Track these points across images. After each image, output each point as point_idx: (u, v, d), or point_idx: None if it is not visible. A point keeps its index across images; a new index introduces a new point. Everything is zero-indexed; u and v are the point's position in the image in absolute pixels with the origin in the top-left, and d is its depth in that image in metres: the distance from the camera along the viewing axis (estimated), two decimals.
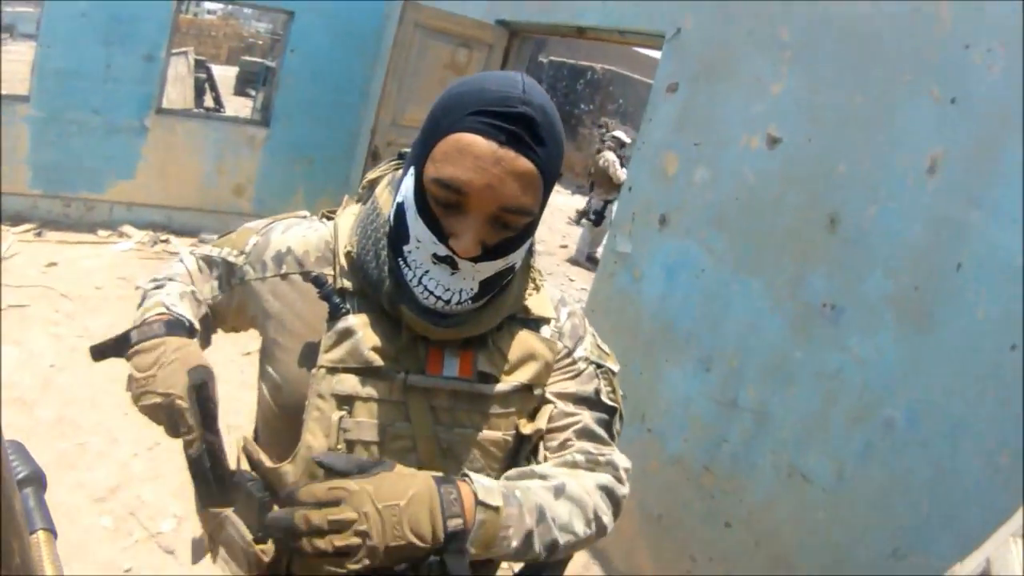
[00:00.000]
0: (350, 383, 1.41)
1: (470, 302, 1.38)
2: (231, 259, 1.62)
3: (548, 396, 1.57)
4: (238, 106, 20.37)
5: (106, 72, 8.48)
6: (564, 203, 17.74)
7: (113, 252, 8.44)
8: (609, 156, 12.88)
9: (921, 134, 3.15)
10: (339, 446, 1.40)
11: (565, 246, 13.91)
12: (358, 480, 1.19)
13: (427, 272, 1.35)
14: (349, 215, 1.58)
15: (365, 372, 1.42)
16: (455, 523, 1.21)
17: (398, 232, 1.38)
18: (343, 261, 1.49)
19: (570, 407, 1.57)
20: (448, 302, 1.36)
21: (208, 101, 18.21)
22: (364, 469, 1.23)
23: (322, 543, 1.15)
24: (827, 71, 3.60)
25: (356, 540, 1.15)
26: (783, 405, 3.61)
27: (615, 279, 4.75)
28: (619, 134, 13.74)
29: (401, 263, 1.38)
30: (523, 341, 1.53)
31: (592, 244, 12.84)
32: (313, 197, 9.34)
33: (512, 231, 1.34)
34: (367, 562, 1.16)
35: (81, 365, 5.46)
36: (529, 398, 1.53)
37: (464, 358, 1.47)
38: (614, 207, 11.37)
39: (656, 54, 4.84)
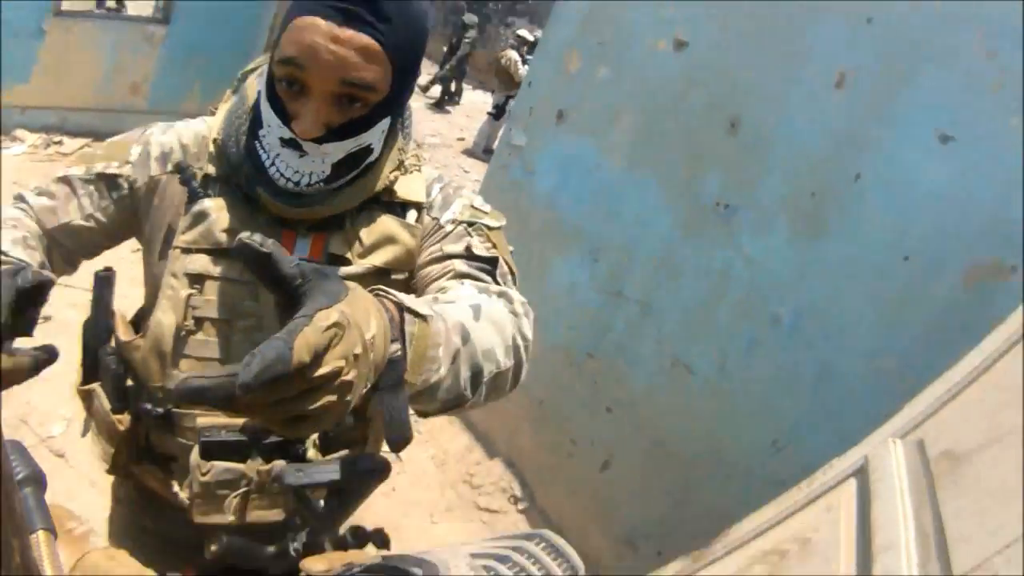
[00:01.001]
0: (201, 262, 1.37)
1: (322, 184, 1.31)
2: (112, 171, 1.46)
3: (419, 264, 1.49)
4: (141, 7, 19.25)
5: None
6: (465, 99, 17.13)
7: (5, 157, 7.80)
8: (512, 55, 12.55)
9: (832, 50, 3.02)
10: (187, 322, 1.37)
11: (462, 139, 13.47)
12: (341, 308, 0.85)
13: (278, 155, 1.29)
14: (224, 107, 1.49)
15: (217, 253, 1.37)
16: (394, 348, 0.95)
17: (256, 118, 1.33)
18: (211, 148, 1.42)
19: (437, 267, 1.45)
20: (298, 184, 1.30)
21: (110, 2, 17.24)
22: (323, 275, 0.90)
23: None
24: None
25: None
26: (669, 298, 3.51)
27: (508, 171, 4.56)
28: (523, 32, 13.58)
29: (258, 147, 1.32)
30: (383, 224, 1.45)
31: (490, 138, 12.38)
32: (209, 94, 8.68)
33: (358, 110, 1.26)
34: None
35: None
36: (385, 282, 1.38)
37: (316, 240, 1.41)
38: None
39: None
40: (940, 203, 2.60)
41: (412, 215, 1.49)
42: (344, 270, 1.39)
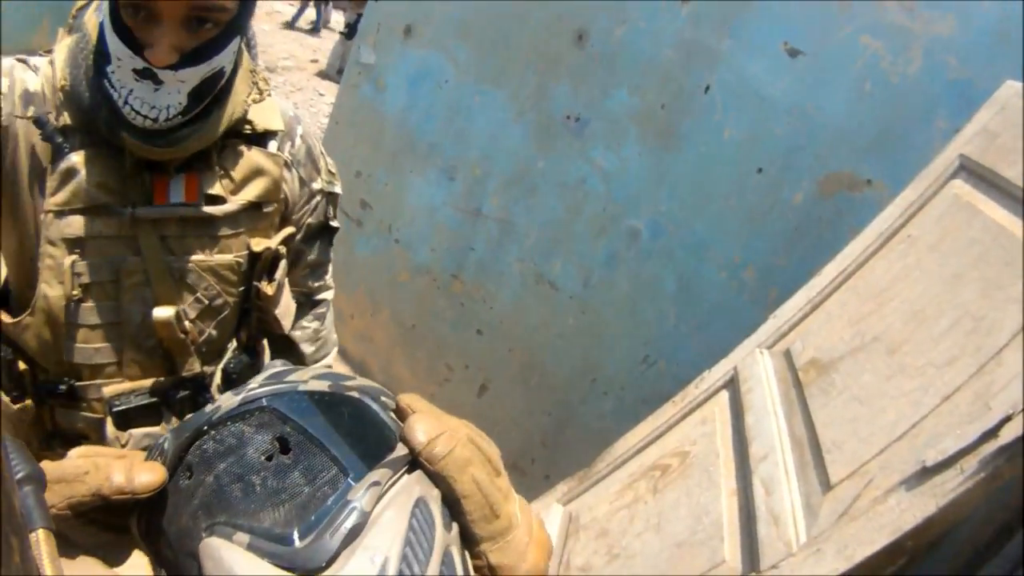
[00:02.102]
0: (77, 224, 1.32)
1: (180, 116, 1.28)
2: None
3: (291, 221, 1.59)
4: None
5: None
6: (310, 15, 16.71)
7: None
8: None
9: None
10: (75, 292, 1.33)
11: (316, 60, 13.18)
12: None
13: (132, 92, 1.23)
14: (64, 48, 1.40)
15: (92, 211, 1.33)
16: None
17: (101, 53, 1.26)
18: (60, 96, 1.33)
19: (301, 245, 1.67)
20: (156, 120, 1.26)
21: None
22: None
23: None
24: None
25: None
26: (527, 214, 3.56)
27: (359, 90, 4.48)
28: None
29: (107, 85, 1.25)
30: (249, 159, 1.46)
31: (343, 58, 12.08)
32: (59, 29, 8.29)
33: (210, 31, 1.23)
34: None
35: None
36: (258, 216, 1.49)
37: (189, 181, 1.40)
38: None
39: None
40: (791, 116, 2.67)
41: (272, 144, 1.50)
42: (220, 209, 1.40)
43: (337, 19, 15.66)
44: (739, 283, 2.80)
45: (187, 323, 1.42)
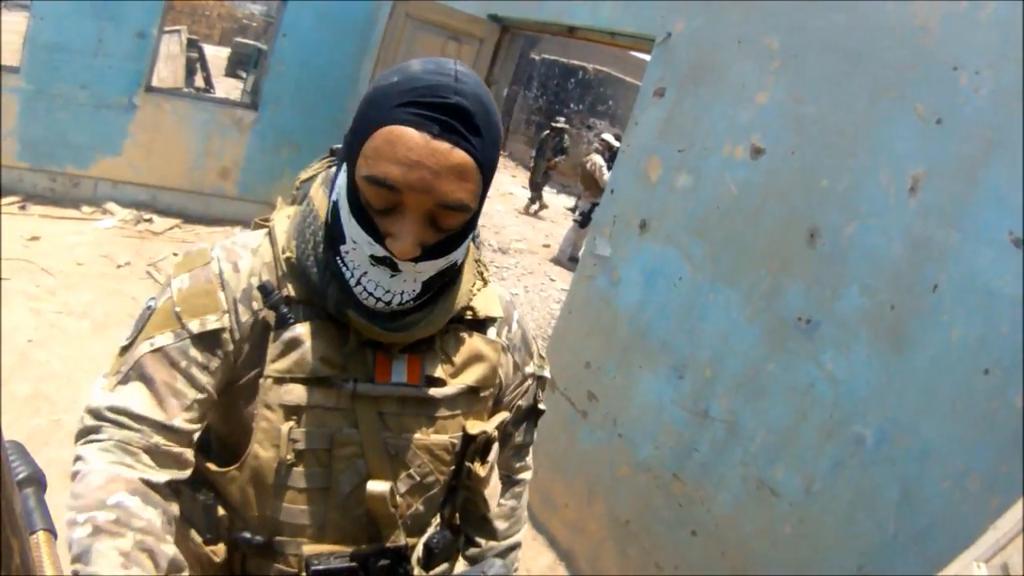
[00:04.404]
0: (297, 393, 1.37)
1: (412, 303, 1.35)
2: (212, 327, 1.38)
3: (503, 404, 1.67)
4: (229, 88, 20.20)
5: (97, 47, 8.45)
6: (549, 202, 17.72)
7: (96, 229, 8.40)
8: (597, 160, 12.89)
9: (904, 152, 3.12)
10: (289, 457, 1.37)
11: (548, 245, 13.86)
12: None
13: (365, 273, 1.30)
14: (284, 218, 1.51)
15: (313, 382, 1.38)
16: None
17: (334, 233, 1.33)
18: (283, 267, 1.42)
19: (510, 428, 1.73)
20: (389, 303, 1.32)
21: (199, 81, 18.09)
22: None
23: None
24: (814, 83, 3.57)
25: None
26: (754, 417, 3.58)
27: (593, 282, 4.71)
28: (608, 137, 13.84)
29: (340, 264, 1.32)
30: (470, 344, 1.53)
31: (575, 245, 12.76)
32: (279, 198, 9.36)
33: (452, 228, 1.29)
34: None
35: (59, 341, 5.46)
36: (475, 400, 1.54)
37: (412, 363, 1.46)
38: None
39: (647, 57, 4.79)
40: (1017, 311, 2.63)
41: (492, 331, 1.59)
42: (440, 391, 1.46)
43: (570, 203, 16.44)
44: (962, 492, 2.70)
45: (398, 497, 1.47)
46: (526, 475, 1.91)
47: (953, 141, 2.96)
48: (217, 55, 24.32)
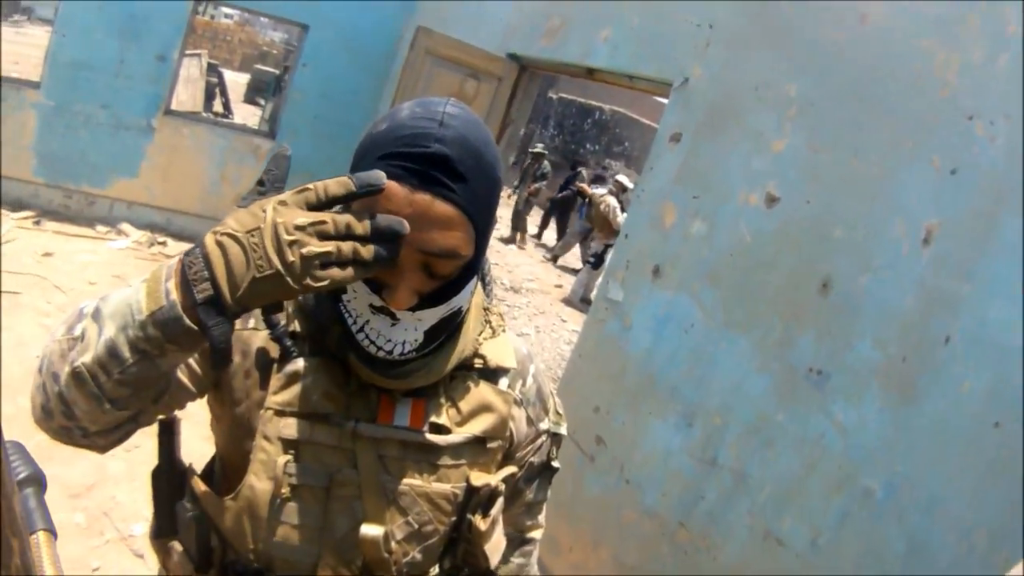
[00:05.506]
0: (297, 427, 1.38)
1: (414, 352, 1.34)
2: None
3: (514, 459, 1.62)
4: (247, 114, 20.39)
5: (118, 68, 8.59)
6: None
7: (110, 249, 8.51)
8: (610, 201, 13.01)
9: (919, 203, 3.17)
10: (283, 491, 1.38)
11: (560, 286, 13.93)
12: None
13: (368, 322, 1.31)
14: None
15: (313, 418, 1.39)
16: None
17: None
18: (292, 304, 1.45)
19: (521, 484, 1.69)
20: (390, 352, 1.32)
21: (217, 106, 18.28)
22: None
23: None
24: (830, 131, 3.62)
25: None
26: (763, 467, 3.59)
27: (605, 326, 4.75)
28: (622, 178, 14.01)
29: (343, 310, 1.33)
30: (478, 393, 1.51)
31: (588, 287, 12.84)
32: None
33: (446, 275, 1.30)
34: None
35: None
36: (481, 450, 1.52)
37: (416, 407, 1.44)
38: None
39: (665, 100, 4.85)
40: None
41: (503, 382, 1.56)
42: (444, 438, 1.44)
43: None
44: (969, 545, 2.70)
45: (393, 543, 1.45)
46: (536, 533, 1.87)
47: (968, 192, 3.01)
48: (236, 81, 24.54)
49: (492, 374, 1.55)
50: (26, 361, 5.49)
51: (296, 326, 1.42)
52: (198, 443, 2.25)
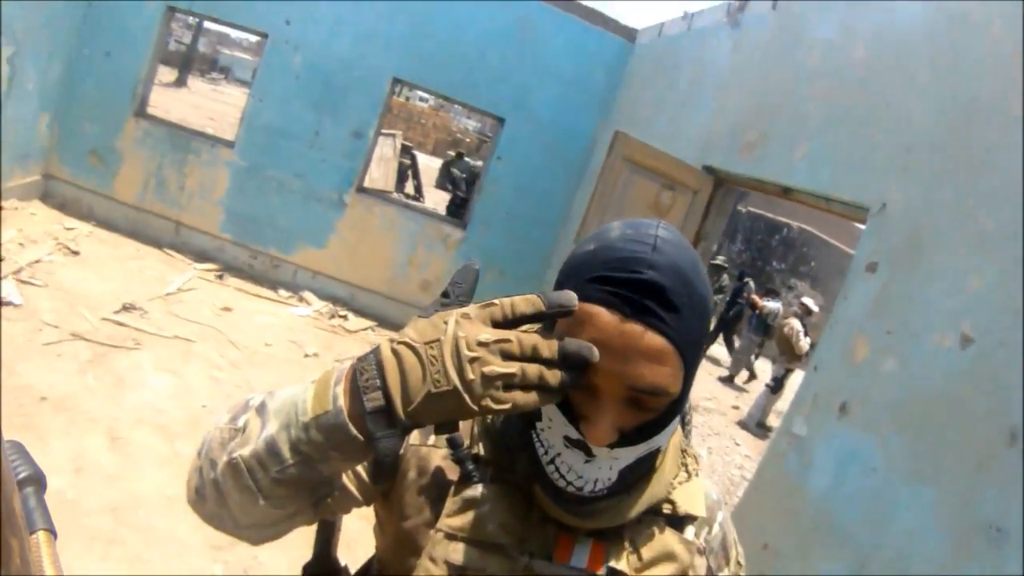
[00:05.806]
0: (466, 554, 1.31)
1: (605, 491, 1.26)
2: None
3: None
4: (437, 199, 20.78)
5: (313, 139, 8.94)
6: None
7: (290, 314, 8.77)
8: (795, 324, 12.68)
9: None
10: None
11: (737, 407, 13.68)
12: None
13: (560, 455, 1.24)
14: None
15: (485, 546, 1.31)
16: None
17: None
18: (478, 425, 1.41)
19: None
20: (580, 489, 1.25)
21: (409, 188, 18.74)
22: None
23: None
24: None
25: None
26: None
27: (784, 461, 4.58)
28: (807, 301, 13.71)
29: (535, 439, 1.28)
30: (662, 540, 1.40)
31: (765, 411, 12.58)
32: None
33: (652, 412, 1.23)
34: None
35: None
36: None
37: (595, 549, 1.35)
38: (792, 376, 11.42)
39: (859, 225, 4.73)
40: None
41: (690, 530, 1.46)
42: None
43: (764, 366, 16.14)
44: None
45: None
46: None
47: None
48: (429, 165, 25.15)
49: (679, 521, 1.46)
50: (190, 409, 5.68)
51: (480, 449, 1.39)
52: (354, 521, 2.22)
